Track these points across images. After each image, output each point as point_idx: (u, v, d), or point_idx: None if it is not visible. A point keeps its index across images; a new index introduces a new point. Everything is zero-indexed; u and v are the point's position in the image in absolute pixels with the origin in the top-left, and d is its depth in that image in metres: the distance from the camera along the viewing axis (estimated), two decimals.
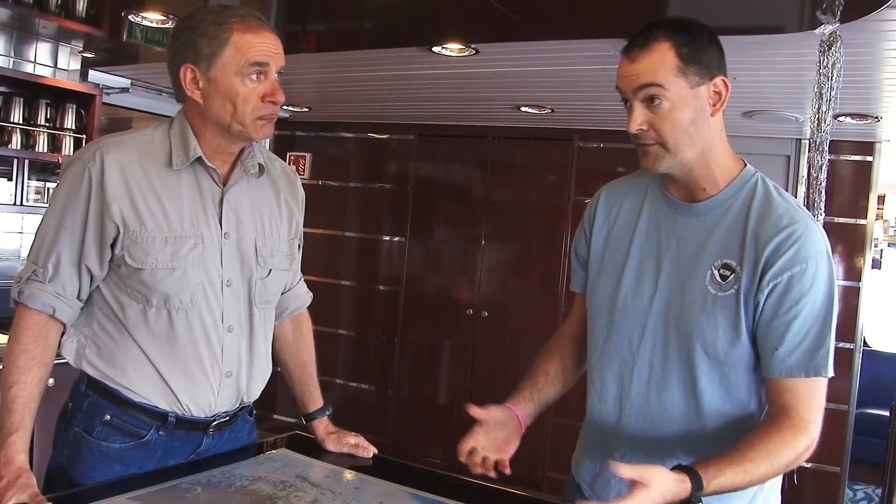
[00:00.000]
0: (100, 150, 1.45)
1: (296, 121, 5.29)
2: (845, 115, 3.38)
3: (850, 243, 4.10)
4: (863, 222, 4.10)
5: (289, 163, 4.88)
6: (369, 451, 1.72)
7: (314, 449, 1.73)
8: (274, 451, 1.69)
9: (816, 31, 2.00)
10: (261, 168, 1.58)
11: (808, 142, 4.02)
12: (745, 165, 1.42)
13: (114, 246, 1.45)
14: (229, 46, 1.41)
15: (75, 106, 3.35)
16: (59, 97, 3.31)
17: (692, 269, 1.38)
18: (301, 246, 1.71)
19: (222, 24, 1.42)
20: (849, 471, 4.14)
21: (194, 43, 1.43)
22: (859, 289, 4.08)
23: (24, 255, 3.41)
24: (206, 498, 1.41)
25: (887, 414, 3.84)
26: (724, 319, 1.34)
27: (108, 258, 1.46)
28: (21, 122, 3.20)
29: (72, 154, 3.18)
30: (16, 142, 3.18)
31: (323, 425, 1.77)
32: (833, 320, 1.32)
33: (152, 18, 2.75)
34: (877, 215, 4.44)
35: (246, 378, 1.58)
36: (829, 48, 1.96)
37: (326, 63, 3.46)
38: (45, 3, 2.88)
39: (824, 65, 1.97)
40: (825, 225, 1.60)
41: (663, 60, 1.31)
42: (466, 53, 2.90)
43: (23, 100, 3.21)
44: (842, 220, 4.09)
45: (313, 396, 1.80)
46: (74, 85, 3.39)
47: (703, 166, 1.38)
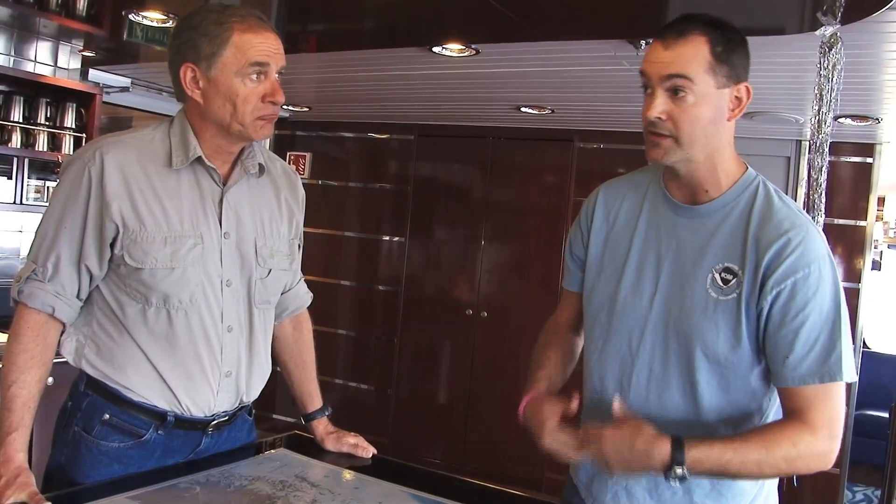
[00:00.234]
0: (100, 149, 1.45)
1: (296, 120, 5.29)
2: (845, 116, 3.38)
3: (850, 245, 4.10)
4: (863, 224, 4.10)
5: (289, 162, 4.87)
6: (368, 451, 1.72)
7: (313, 449, 1.73)
8: (273, 451, 1.69)
9: (817, 32, 2.00)
10: (261, 168, 1.58)
11: (808, 143, 4.01)
12: (747, 169, 1.42)
13: (113, 245, 1.45)
14: (230, 46, 1.41)
15: (75, 105, 3.35)
16: (59, 96, 3.31)
17: (693, 271, 1.38)
18: (301, 246, 1.71)
19: (223, 23, 1.42)
20: (848, 472, 4.14)
21: (195, 42, 1.42)
22: (859, 290, 4.08)
23: (23, 253, 3.41)
24: (205, 497, 1.41)
25: (887, 415, 3.85)
26: (725, 324, 1.34)
27: (107, 258, 1.46)
28: (21, 120, 3.20)
29: (72, 153, 3.19)
30: (16, 140, 3.18)
31: (322, 425, 1.77)
32: (844, 324, 1.30)
33: (153, 17, 2.75)
34: (877, 217, 4.44)
35: (245, 378, 1.58)
36: (830, 50, 1.96)
37: (327, 63, 3.46)
38: (46, 2, 2.88)
39: (825, 66, 1.97)
40: (825, 226, 1.60)
41: (697, 54, 1.29)
42: (467, 54, 2.90)
43: (23, 98, 3.21)
44: (842, 222, 4.08)
45: (313, 397, 1.80)
46: (75, 84, 3.39)
47: (709, 168, 1.37)
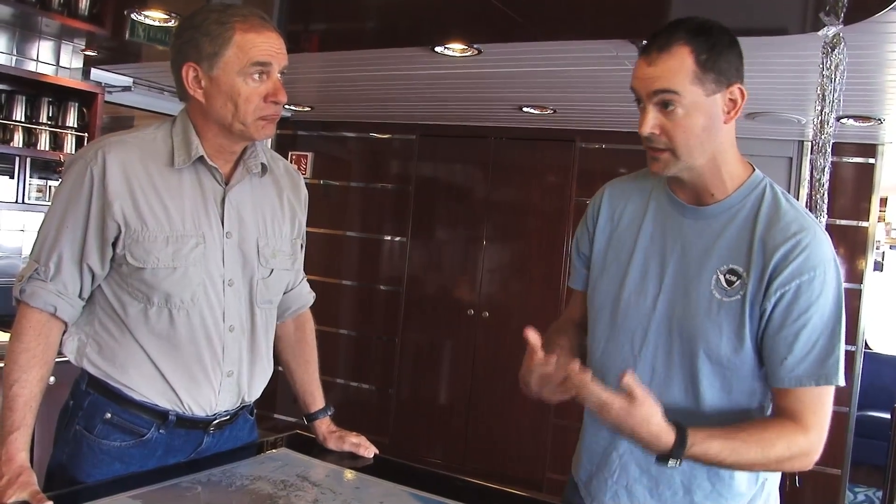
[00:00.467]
0: (102, 149, 1.45)
1: (298, 120, 5.29)
2: (848, 117, 3.37)
3: (852, 245, 4.09)
4: (865, 224, 4.09)
5: (290, 162, 4.87)
6: (370, 450, 1.72)
7: (315, 448, 1.73)
8: (274, 451, 1.69)
9: (820, 32, 2.00)
10: (263, 167, 1.58)
11: (810, 144, 4.01)
12: (754, 170, 1.41)
13: (115, 245, 1.45)
14: (232, 46, 1.41)
15: (77, 104, 3.35)
16: (61, 95, 3.32)
17: (697, 272, 1.38)
18: (304, 245, 1.71)
19: (225, 23, 1.42)
20: (849, 473, 4.14)
21: (197, 42, 1.42)
22: (861, 291, 4.07)
23: (25, 252, 3.42)
24: (207, 497, 1.41)
25: (888, 416, 3.85)
26: (728, 325, 1.34)
27: (109, 257, 1.46)
28: (23, 120, 3.20)
29: (74, 153, 3.19)
30: (18, 140, 3.18)
31: (324, 425, 1.77)
32: (842, 328, 1.31)
33: (154, 17, 2.75)
34: (879, 217, 4.43)
35: (247, 377, 1.58)
36: (833, 50, 1.96)
37: (329, 62, 3.45)
38: (48, 1, 2.88)
39: (827, 67, 1.96)
40: (827, 227, 1.59)
41: (681, 66, 1.28)
42: (469, 54, 2.90)
43: (25, 98, 3.21)
44: (844, 223, 4.08)
45: (315, 397, 1.80)
46: (77, 83, 3.40)
47: (713, 172, 1.37)
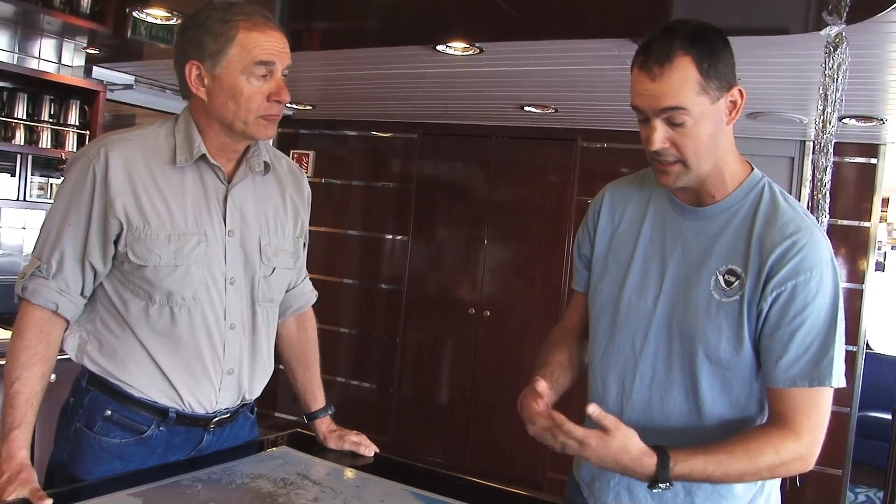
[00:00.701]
0: (104, 147, 1.45)
1: (299, 118, 5.29)
2: (850, 117, 3.37)
3: (854, 246, 4.09)
4: (866, 225, 4.09)
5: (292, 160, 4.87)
6: (370, 449, 1.72)
7: (315, 447, 1.73)
8: (275, 449, 1.69)
9: (822, 32, 1.99)
10: (266, 166, 1.58)
11: (812, 143, 4.00)
12: (753, 170, 1.41)
13: (117, 243, 1.45)
14: (235, 44, 1.41)
15: (79, 102, 3.36)
16: (63, 93, 3.32)
17: (697, 273, 1.37)
18: (307, 244, 1.71)
19: (228, 21, 1.42)
20: (850, 473, 4.13)
21: (200, 40, 1.42)
22: (862, 291, 4.07)
23: (27, 250, 3.42)
24: (207, 495, 1.41)
25: (889, 417, 3.84)
26: (727, 326, 1.33)
27: (111, 255, 1.46)
28: (25, 117, 3.21)
29: (75, 150, 3.20)
30: (19, 137, 3.19)
31: (325, 424, 1.77)
32: (839, 330, 1.30)
33: (156, 15, 2.75)
34: (880, 218, 4.42)
35: (248, 376, 1.58)
36: (835, 50, 1.95)
37: (330, 61, 3.45)
38: None
39: (830, 66, 1.96)
40: (828, 227, 1.59)
41: (685, 80, 1.25)
42: (471, 52, 2.89)
43: (27, 95, 3.21)
44: (845, 223, 4.08)
45: (316, 395, 1.80)
46: (78, 81, 3.40)
47: (717, 174, 1.36)
